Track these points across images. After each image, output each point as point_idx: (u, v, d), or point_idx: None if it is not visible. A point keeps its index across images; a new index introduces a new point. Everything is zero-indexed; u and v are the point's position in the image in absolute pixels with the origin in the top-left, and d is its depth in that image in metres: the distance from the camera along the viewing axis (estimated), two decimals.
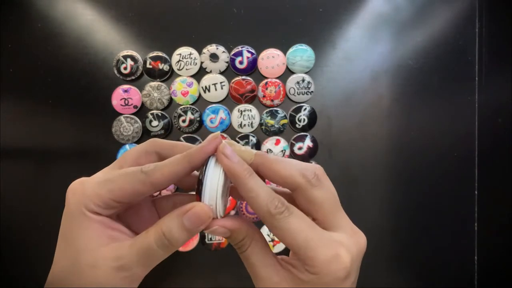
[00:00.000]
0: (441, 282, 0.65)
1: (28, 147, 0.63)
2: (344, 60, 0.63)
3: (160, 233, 0.23)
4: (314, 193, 0.24)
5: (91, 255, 0.22)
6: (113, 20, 0.62)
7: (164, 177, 0.23)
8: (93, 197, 0.23)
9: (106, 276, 0.22)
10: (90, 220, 0.23)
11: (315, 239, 0.22)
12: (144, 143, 0.26)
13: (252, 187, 0.23)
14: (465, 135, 0.64)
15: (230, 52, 0.62)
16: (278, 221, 0.23)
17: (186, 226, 0.23)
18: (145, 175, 0.23)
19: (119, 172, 0.24)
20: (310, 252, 0.22)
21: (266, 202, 0.23)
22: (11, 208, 0.63)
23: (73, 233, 0.23)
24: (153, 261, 0.23)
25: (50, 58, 0.63)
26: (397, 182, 0.65)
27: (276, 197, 0.23)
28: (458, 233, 0.64)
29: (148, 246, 0.23)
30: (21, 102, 0.63)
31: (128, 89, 0.62)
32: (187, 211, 0.23)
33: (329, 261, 0.22)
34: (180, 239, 0.23)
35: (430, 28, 0.64)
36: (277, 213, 0.22)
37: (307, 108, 0.63)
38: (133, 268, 0.22)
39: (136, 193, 0.23)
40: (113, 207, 0.24)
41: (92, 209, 0.23)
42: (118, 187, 0.23)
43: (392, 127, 0.64)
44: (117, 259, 0.22)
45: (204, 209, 0.23)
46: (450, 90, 0.64)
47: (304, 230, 0.22)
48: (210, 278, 0.64)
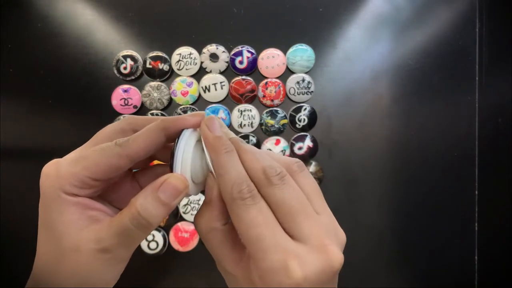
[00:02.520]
0: (441, 282, 0.65)
1: (28, 147, 0.63)
2: (344, 60, 0.63)
3: (135, 212, 0.21)
4: (272, 191, 0.21)
5: (72, 239, 0.21)
6: (113, 20, 0.62)
7: (139, 147, 0.22)
8: (68, 177, 0.22)
9: (89, 259, 0.21)
10: (67, 203, 0.22)
11: (267, 240, 0.20)
12: (119, 121, 0.25)
13: (223, 163, 0.22)
14: (465, 135, 0.64)
15: (230, 52, 0.62)
16: (237, 206, 0.21)
17: (162, 199, 0.21)
18: (120, 147, 0.22)
19: (93, 148, 0.22)
20: (259, 253, 0.20)
21: (232, 183, 0.21)
22: (11, 208, 0.63)
23: (52, 219, 0.22)
24: (133, 241, 0.22)
25: (50, 58, 0.63)
26: (397, 182, 0.65)
27: (246, 182, 0.21)
28: (458, 233, 0.64)
29: (124, 227, 0.21)
30: (21, 102, 0.63)
31: (128, 89, 0.62)
32: (161, 184, 0.22)
33: (274, 270, 0.19)
34: (158, 215, 0.22)
35: (430, 28, 0.64)
36: (239, 198, 0.21)
37: (307, 108, 0.63)
38: (115, 250, 0.22)
39: (113, 167, 0.22)
40: (91, 185, 0.22)
41: (68, 190, 0.22)
42: (93, 163, 0.22)
43: (392, 127, 0.64)
44: (97, 241, 0.21)
45: (178, 178, 0.22)
46: (450, 90, 0.64)
47: (259, 226, 0.20)
48: (210, 278, 0.64)
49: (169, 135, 0.23)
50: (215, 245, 0.23)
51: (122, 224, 0.21)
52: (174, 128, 0.23)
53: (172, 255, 0.63)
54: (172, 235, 0.63)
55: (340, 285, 0.23)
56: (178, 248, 0.63)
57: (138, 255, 0.62)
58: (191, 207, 0.63)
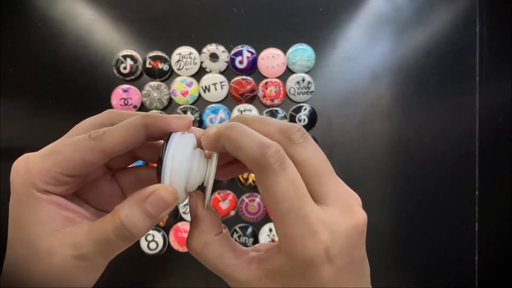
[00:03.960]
0: (441, 282, 0.65)
1: (28, 147, 0.63)
2: (345, 60, 0.63)
3: (118, 223, 0.20)
4: (296, 150, 0.20)
5: (46, 241, 0.20)
6: (112, 20, 0.62)
7: (115, 142, 0.20)
8: (38, 173, 0.20)
9: (63, 264, 0.20)
10: (40, 201, 0.20)
11: (299, 213, 0.18)
12: (99, 114, 0.23)
13: (234, 136, 0.19)
14: (466, 135, 0.64)
15: (230, 52, 0.62)
16: (265, 174, 0.19)
17: (149, 212, 0.20)
18: (94, 141, 0.20)
19: (66, 141, 0.21)
20: (284, 226, 0.19)
21: (254, 149, 0.19)
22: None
23: (24, 218, 0.20)
24: (113, 251, 0.21)
25: (49, 58, 0.63)
26: (397, 182, 0.65)
27: (272, 144, 0.19)
28: (459, 233, 0.64)
29: (105, 237, 0.20)
30: (21, 102, 0.63)
31: (128, 89, 0.62)
32: (148, 196, 0.20)
33: (301, 240, 0.18)
34: (143, 227, 0.20)
35: (430, 28, 0.63)
36: (266, 164, 0.18)
37: (307, 108, 0.63)
38: (92, 258, 0.20)
39: (86, 162, 0.20)
40: (64, 182, 0.21)
41: (40, 187, 0.20)
42: (64, 158, 0.20)
43: (392, 127, 0.64)
44: (74, 247, 0.20)
45: (169, 190, 0.20)
46: (451, 90, 0.64)
47: (291, 199, 0.18)
48: (210, 279, 0.64)
49: (149, 133, 0.21)
50: (215, 259, 0.21)
51: (104, 233, 0.20)
52: (156, 127, 0.21)
53: (172, 255, 0.63)
54: (172, 235, 0.63)
55: None
56: (178, 248, 0.63)
57: (138, 255, 0.62)
58: None
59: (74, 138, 0.21)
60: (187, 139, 0.22)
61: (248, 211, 0.62)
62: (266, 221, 0.63)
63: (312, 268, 0.18)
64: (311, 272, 0.19)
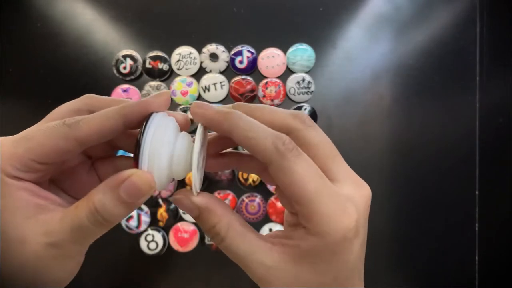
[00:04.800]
0: (441, 282, 0.65)
1: None
2: (345, 60, 0.63)
3: (92, 209, 0.19)
4: (311, 133, 0.21)
5: (19, 229, 0.19)
6: (112, 20, 0.62)
7: (91, 131, 0.19)
8: (9, 158, 0.19)
9: (36, 252, 0.19)
10: (11, 188, 0.19)
11: (325, 191, 0.19)
12: (77, 99, 0.22)
13: (247, 126, 0.19)
14: (466, 135, 0.64)
15: (230, 52, 0.62)
16: (288, 160, 0.19)
17: (123, 198, 0.19)
18: (69, 128, 0.19)
19: (39, 127, 0.20)
20: (315, 205, 0.19)
21: (271, 138, 0.19)
22: None
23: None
24: (87, 238, 0.20)
25: (49, 58, 0.62)
26: (398, 182, 0.65)
27: (281, 133, 0.19)
28: (459, 233, 0.64)
29: (79, 223, 0.19)
30: (21, 102, 0.63)
31: (128, 88, 0.62)
32: (122, 181, 0.19)
33: (334, 216, 0.19)
34: (118, 215, 0.19)
35: (430, 28, 0.63)
36: (287, 150, 0.19)
37: (307, 108, 0.63)
38: (66, 246, 0.19)
39: (59, 150, 0.19)
40: (36, 169, 0.20)
41: (10, 173, 0.19)
42: (37, 144, 0.19)
43: (392, 127, 0.64)
44: (47, 235, 0.19)
45: (144, 177, 0.19)
46: (451, 90, 0.64)
47: (314, 178, 0.19)
48: (210, 279, 0.64)
49: (129, 122, 0.20)
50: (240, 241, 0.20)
51: (77, 219, 0.19)
52: (136, 114, 0.20)
53: (172, 255, 0.63)
54: (172, 236, 0.63)
55: None
56: (178, 249, 0.63)
57: (138, 255, 0.62)
58: None
59: (48, 124, 0.20)
60: (168, 120, 0.21)
61: (248, 211, 0.62)
62: (266, 221, 0.63)
63: (346, 242, 0.19)
64: (343, 247, 0.19)
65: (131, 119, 0.20)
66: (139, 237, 0.62)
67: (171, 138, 0.20)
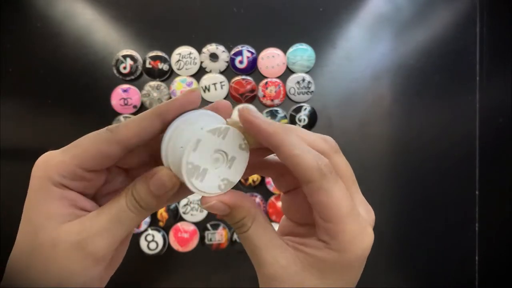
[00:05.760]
0: (441, 282, 0.65)
1: (28, 147, 0.63)
2: (345, 60, 0.63)
3: (130, 195, 0.20)
4: (339, 159, 0.22)
5: (50, 233, 0.20)
6: (112, 20, 0.62)
7: (130, 133, 0.20)
8: (57, 166, 0.20)
9: (66, 255, 0.19)
10: (53, 195, 0.20)
11: (352, 212, 0.20)
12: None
13: (295, 142, 0.20)
14: (466, 135, 0.64)
15: (230, 52, 0.62)
16: (328, 181, 0.20)
17: (153, 191, 0.20)
18: (111, 133, 0.20)
19: (86, 135, 0.21)
20: (344, 225, 0.20)
21: (315, 158, 0.20)
22: (11, 208, 0.62)
23: (33, 210, 0.20)
24: (121, 227, 0.20)
25: (49, 58, 0.62)
26: (398, 182, 0.65)
27: (318, 153, 0.20)
28: (459, 233, 0.64)
29: (119, 208, 0.20)
30: (21, 102, 0.63)
31: (128, 88, 0.62)
32: (152, 176, 0.20)
33: (358, 236, 0.20)
34: (151, 204, 0.21)
35: (431, 28, 0.63)
36: (329, 172, 0.20)
37: (307, 108, 0.63)
38: (95, 242, 0.20)
39: (103, 155, 0.20)
40: (82, 177, 0.21)
41: (56, 181, 0.20)
42: (82, 151, 0.20)
43: (392, 127, 0.64)
44: (79, 233, 0.20)
45: (168, 174, 0.20)
46: (451, 89, 0.64)
47: (347, 201, 0.20)
48: (210, 279, 0.64)
49: (164, 120, 0.21)
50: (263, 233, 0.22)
51: (117, 205, 0.20)
52: (170, 111, 0.20)
53: (172, 255, 0.63)
54: (172, 236, 0.63)
55: None
56: (178, 249, 0.63)
57: (138, 255, 0.62)
58: (191, 207, 0.63)
59: (94, 132, 0.21)
60: (195, 116, 0.21)
61: None
62: None
63: (362, 260, 0.21)
64: (359, 264, 0.21)
65: (166, 117, 0.21)
66: (139, 237, 0.62)
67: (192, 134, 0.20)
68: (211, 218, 0.63)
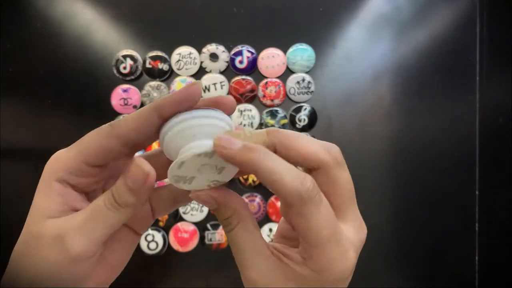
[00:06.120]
0: (441, 282, 0.65)
1: (27, 147, 0.63)
2: (345, 60, 0.63)
3: (109, 193, 0.20)
4: (340, 173, 0.21)
5: (38, 226, 0.20)
6: (112, 20, 0.62)
7: (129, 127, 0.20)
8: (64, 162, 0.21)
9: (46, 248, 0.20)
10: (52, 190, 0.21)
11: (333, 237, 0.20)
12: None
13: (272, 167, 0.19)
14: (466, 135, 0.64)
15: (230, 52, 0.62)
16: (308, 207, 0.19)
17: (129, 185, 0.20)
18: (111, 127, 0.21)
19: (91, 131, 0.21)
20: (323, 249, 0.20)
21: (295, 183, 0.19)
22: (11, 208, 0.62)
23: (33, 203, 0.21)
24: (96, 225, 0.20)
25: (49, 58, 0.62)
26: (398, 182, 0.65)
27: (307, 176, 0.19)
28: (459, 233, 0.64)
29: (96, 207, 0.20)
30: (21, 102, 0.63)
31: (128, 88, 0.62)
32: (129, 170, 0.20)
33: (336, 260, 0.20)
34: (129, 201, 0.20)
35: (431, 28, 0.63)
36: (309, 197, 0.19)
37: (307, 108, 0.63)
38: (71, 238, 0.20)
39: (103, 149, 0.20)
40: (87, 173, 0.21)
41: (61, 177, 0.21)
42: (86, 146, 0.21)
43: (392, 127, 0.64)
44: (58, 228, 0.20)
45: (139, 165, 0.20)
46: (451, 90, 0.64)
47: (328, 225, 0.20)
48: (210, 279, 0.64)
49: (162, 114, 0.21)
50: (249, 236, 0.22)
51: (96, 204, 0.20)
52: (167, 105, 0.20)
53: (172, 255, 0.63)
54: (172, 236, 0.63)
55: None
56: (178, 249, 0.63)
57: (138, 255, 0.62)
58: (190, 207, 0.63)
59: (98, 127, 0.21)
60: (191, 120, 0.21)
61: None
62: (266, 221, 0.63)
63: (339, 283, 0.21)
64: (339, 284, 0.21)
65: (163, 111, 0.20)
66: None
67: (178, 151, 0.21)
68: (211, 218, 0.63)
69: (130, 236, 0.25)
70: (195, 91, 0.21)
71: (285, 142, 0.21)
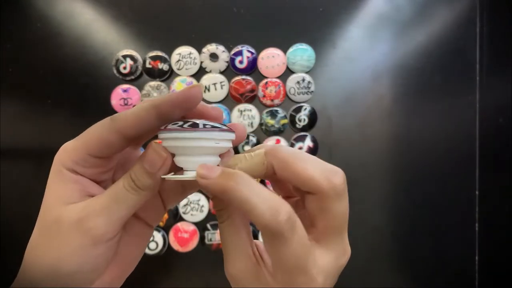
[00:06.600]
0: (441, 282, 0.65)
1: (27, 147, 0.63)
2: (345, 60, 0.63)
3: (128, 176, 0.21)
4: (335, 204, 0.21)
5: (57, 212, 0.21)
6: (112, 20, 0.62)
7: (128, 122, 0.21)
8: (71, 152, 0.21)
9: (67, 232, 0.20)
10: (67, 179, 0.21)
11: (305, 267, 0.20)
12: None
13: (246, 197, 0.19)
14: (466, 135, 0.64)
15: (230, 52, 0.62)
16: (278, 240, 0.19)
17: (146, 169, 0.21)
18: (112, 121, 0.21)
19: (95, 123, 0.22)
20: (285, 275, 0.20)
21: (266, 216, 0.19)
22: (11, 208, 0.63)
23: (47, 191, 0.22)
24: (118, 206, 0.21)
25: (49, 58, 0.62)
26: (398, 182, 0.65)
27: (282, 207, 0.19)
28: (459, 233, 0.64)
29: (117, 189, 0.21)
30: (21, 102, 0.63)
31: (128, 88, 0.62)
32: (145, 153, 0.21)
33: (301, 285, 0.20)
34: (146, 183, 0.21)
35: (431, 28, 0.63)
36: (278, 232, 0.19)
37: (307, 108, 0.63)
38: (93, 220, 0.20)
39: (104, 141, 0.21)
40: (92, 164, 0.22)
41: (69, 166, 0.21)
42: (89, 138, 0.21)
43: (392, 127, 0.64)
44: (79, 212, 0.20)
45: (156, 148, 0.21)
46: (451, 90, 0.64)
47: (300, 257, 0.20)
48: (210, 279, 0.64)
49: (160, 112, 0.21)
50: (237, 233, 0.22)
51: (115, 187, 0.21)
52: (166, 104, 0.21)
53: (172, 255, 0.63)
54: (172, 236, 0.63)
55: (341, 285, 0.23)
56: (178, 249, 0.63)
57: None
58: (190, 207, 0.63)
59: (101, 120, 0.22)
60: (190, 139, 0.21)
61: None
62: None
63: None
64: None
65: (162, 110, 0.21)
66: None
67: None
68: (211, 218, 0.63)
69: (143, 230, 0.25)
70: (195, 94, 0.21)
71: (281, 164, 0.21)
